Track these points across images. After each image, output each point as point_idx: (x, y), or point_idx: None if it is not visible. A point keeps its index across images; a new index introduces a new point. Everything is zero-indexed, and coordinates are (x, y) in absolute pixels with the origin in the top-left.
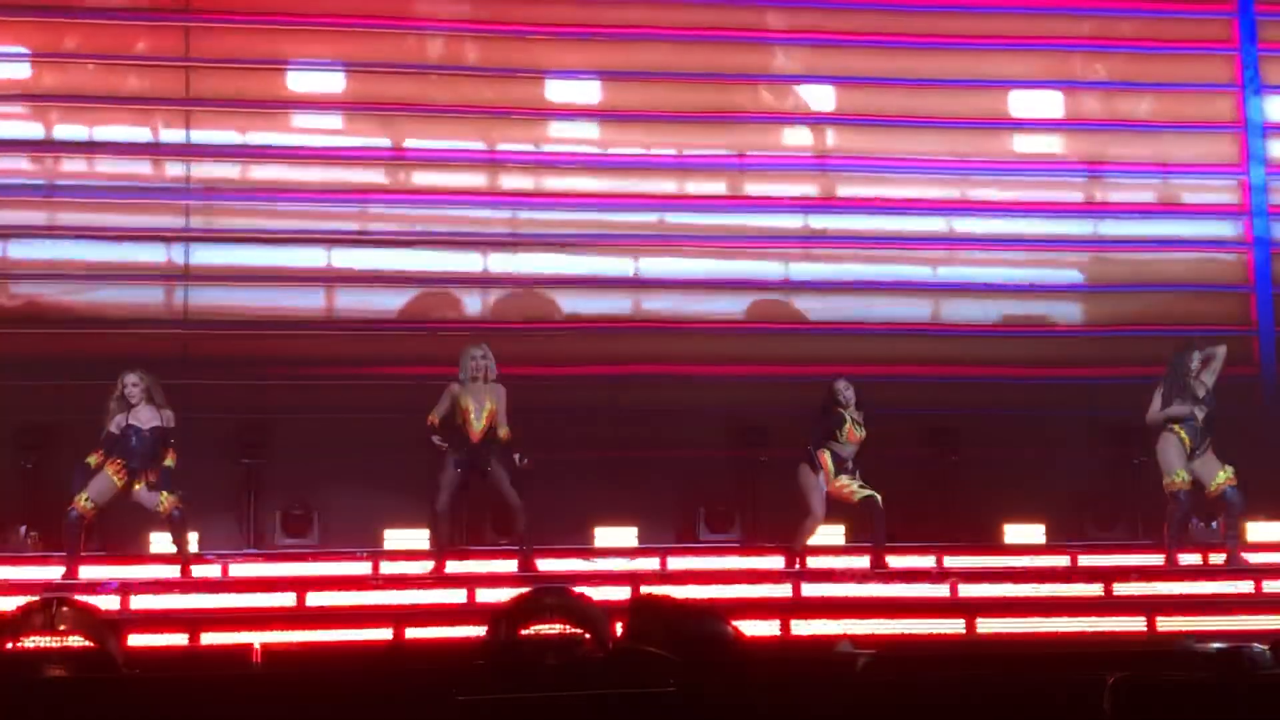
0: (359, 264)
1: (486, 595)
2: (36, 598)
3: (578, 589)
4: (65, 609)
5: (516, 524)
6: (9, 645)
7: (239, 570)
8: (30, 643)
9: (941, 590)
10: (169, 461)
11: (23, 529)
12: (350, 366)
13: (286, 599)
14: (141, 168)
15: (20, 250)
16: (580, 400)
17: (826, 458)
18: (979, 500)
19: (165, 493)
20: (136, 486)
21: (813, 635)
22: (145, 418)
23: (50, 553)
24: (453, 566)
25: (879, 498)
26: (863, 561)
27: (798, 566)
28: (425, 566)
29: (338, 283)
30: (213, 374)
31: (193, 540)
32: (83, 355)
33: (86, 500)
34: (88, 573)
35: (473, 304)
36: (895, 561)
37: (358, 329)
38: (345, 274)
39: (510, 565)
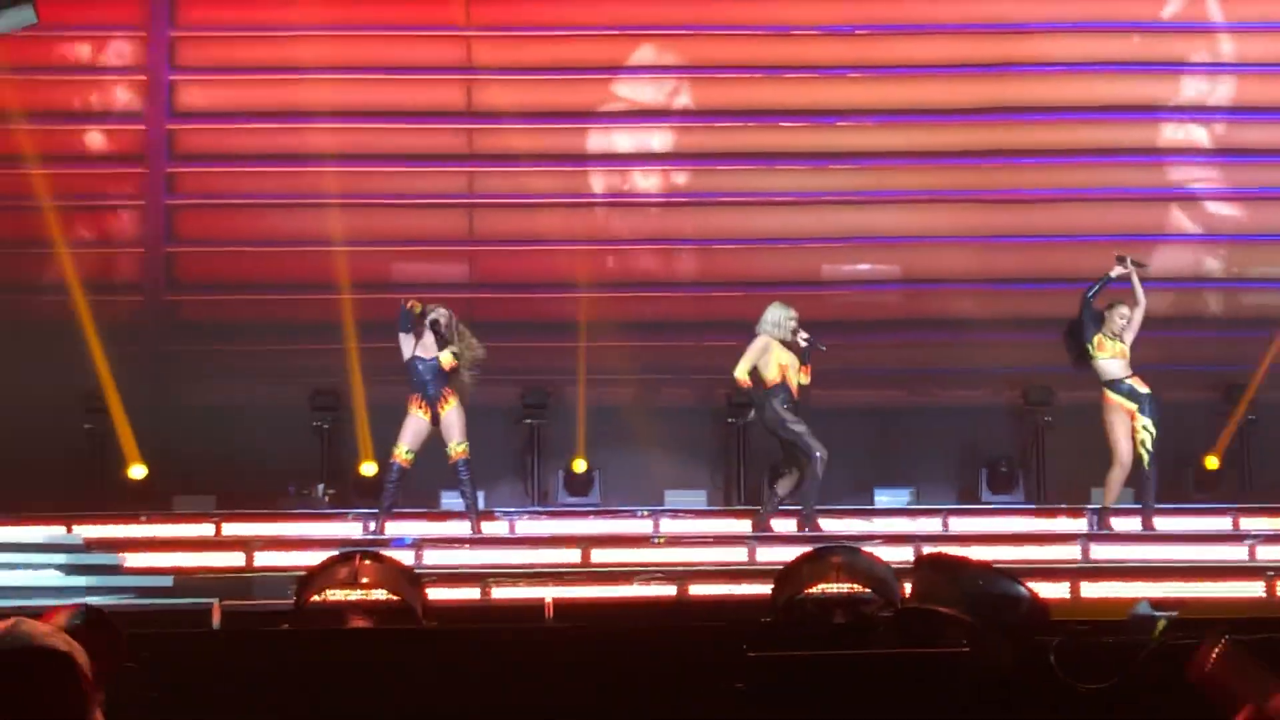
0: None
1: (768, 554)
2: (338, 553)
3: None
4: (369, 563)
5: (806, 477)
6: (315, 598)
7: (526, 528)
8: (335, 595)
9: (1239, 552)
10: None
11: (320, 487)
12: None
13: (572, 555)
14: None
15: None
16: (856, 360)
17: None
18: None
19: (455, 442)
20: (442, 411)
21: (1106, 598)
22: (432, 348)
23: (345, 510)
24: (733, 526)
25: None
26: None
27: (1102, 525)
28: (708, 526)
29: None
30: (499, 336)
31: (480, 498)
32: (374, 319)
33: (406, 451)
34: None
35: (763, 263)
36: (1193, 524)
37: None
38: (641, 236)
39: (789, 525)
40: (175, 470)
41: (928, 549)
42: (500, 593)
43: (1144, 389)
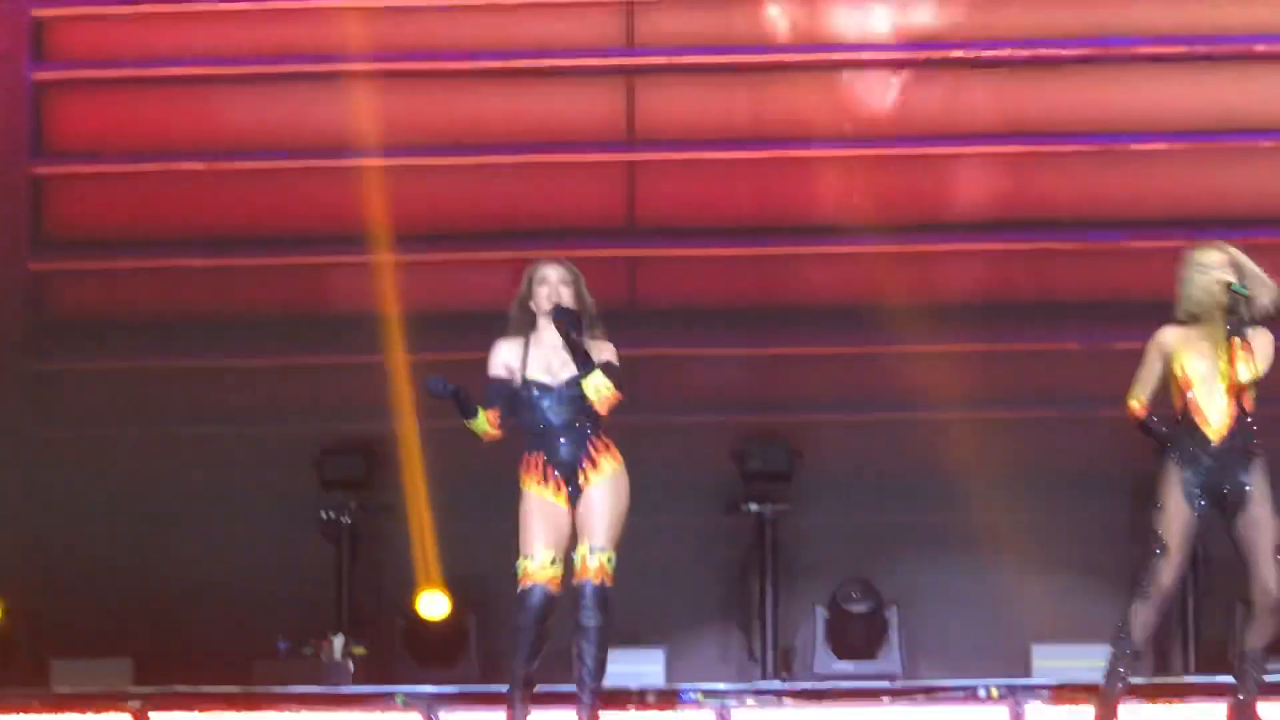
0: None
1: None
2: None
3: None
4: None
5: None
6: None
7: None
8: None
9: None
10: None
11: (337, 641)
12: None
13: None
14: None
15: None
16: None
17: None
18: None
19: (591, 546)
20: (586, 485)
21: None
22: (557, 363)
23: (389, 688)
24: None
25: None
26: None
27: None
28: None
29: None
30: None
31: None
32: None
33: (544, 561)
34: None
35: None
36: None
37: None
38: None
39: None
40: (54, 613)
41: None
42: None
43: None
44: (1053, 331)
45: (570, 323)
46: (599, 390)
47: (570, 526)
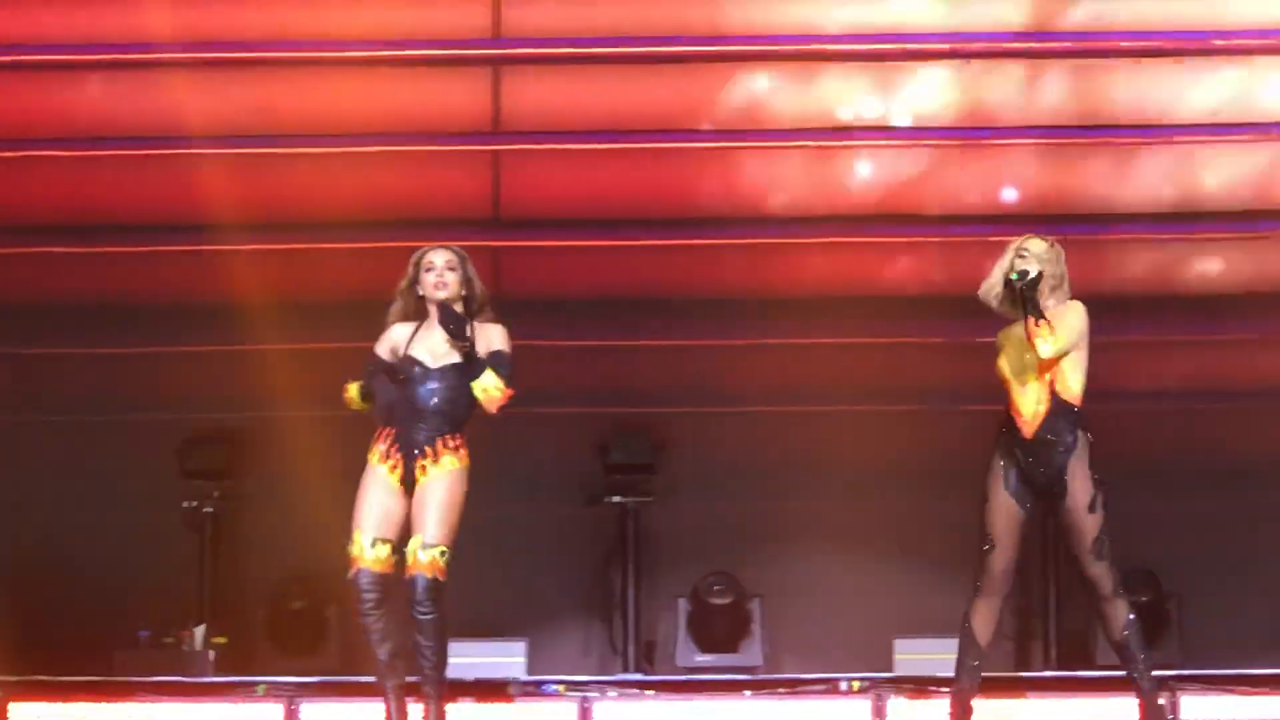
0: None
1: None
2: None
3: None
4: None
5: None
6: None
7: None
8: None
9: None
10: None
11: (198, 631)
12: None
13: None
14: None
15: None
16: None
17: None
18: None
19: (424, 538)
20: (422, 475)
21: None
22: (441, 346)
23: (250, 679)
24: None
25: None
26: None
27: None
28: None
29: None
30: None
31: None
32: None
33: (371, 543)
34: None
35: None
36: None
37: None
38: None
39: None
40: None
41: None
42: None
43: None
44: (918, 326)
45: (457, 327)
46: (488, 392)
47: (403, 511)
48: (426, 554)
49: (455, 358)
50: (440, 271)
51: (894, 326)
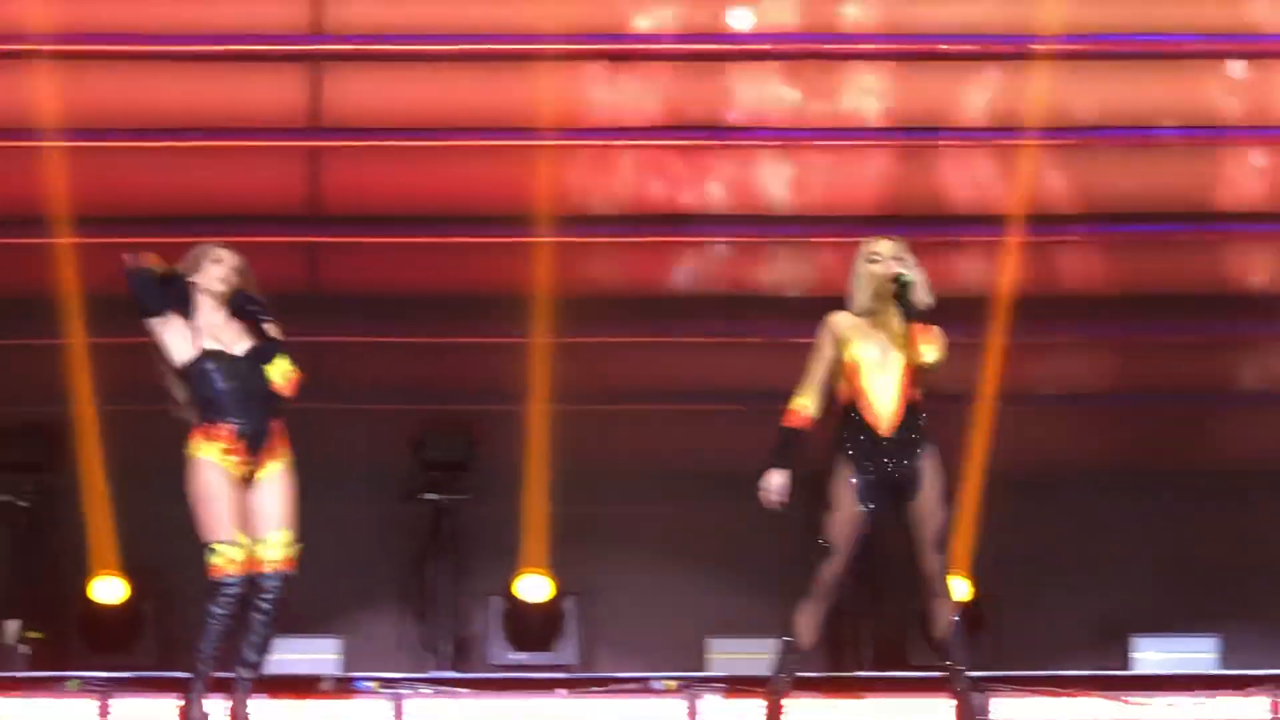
0: None
1: None
2: None
3: None
4: None
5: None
6: None
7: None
8: None
9: None
10: None
11: (13, 626)
12: None
13: None
14: None
15: None
16: None
17: None
18: None
19: (276, 533)
20: (261, 471)
21: None
22: (238, 337)
23: (63, 674)
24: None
25: None
26: None
27: None
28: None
29: None
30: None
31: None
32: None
33: (238, 541)
34: None
35: None
36: None
37: None
38: None
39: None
40: None
41: None
42: None
43: None
44: (732, 324)
45: (258, 306)
46: (286, 375)
47: (246, 506)
48: (289, 549)
49: (246, 343)
50: (229, 267)
51: (701, 325)
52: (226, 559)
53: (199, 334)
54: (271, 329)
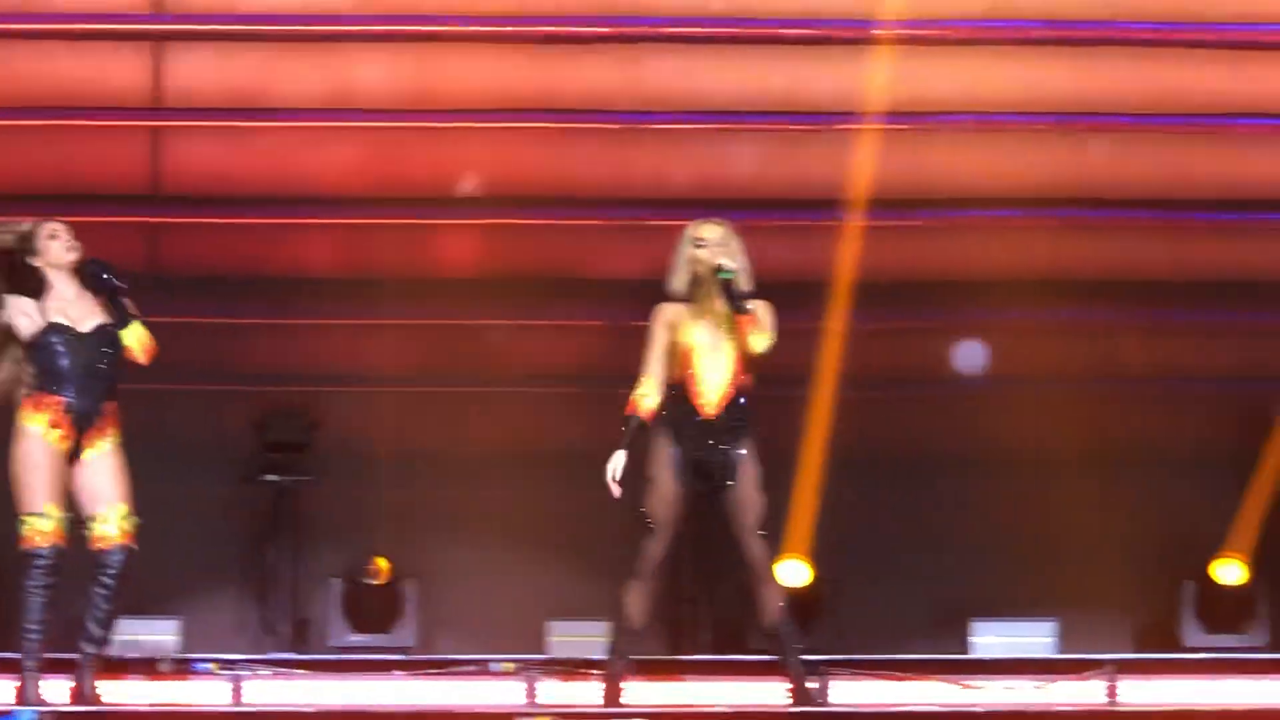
0: None
1: None
2: None
3: None
4: None
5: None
6: None
7: (263, 697)
8: None
9: None
10: None
11: None
12: None
13: None
14: None
15: None
16: None
17: None
18: None
19: (115, 508)
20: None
21: None
22: (89, 309)
23: None
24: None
25: None
26: None
27: None
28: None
29: None
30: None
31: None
32: None
33: (55, 515)
34: None
35: None
36: None
37: None
38: None
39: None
40: None
41: None
42: None
43: None
44: (580, 308)
45: (113, 275)
46: (141, 340)
47: (69, 481)
48: (127, 523)
49: (100, 319)
50: (70, 239)
51: (556, 308)
52: (35, 529)
53: (46, 310)
54: (125, 299)
